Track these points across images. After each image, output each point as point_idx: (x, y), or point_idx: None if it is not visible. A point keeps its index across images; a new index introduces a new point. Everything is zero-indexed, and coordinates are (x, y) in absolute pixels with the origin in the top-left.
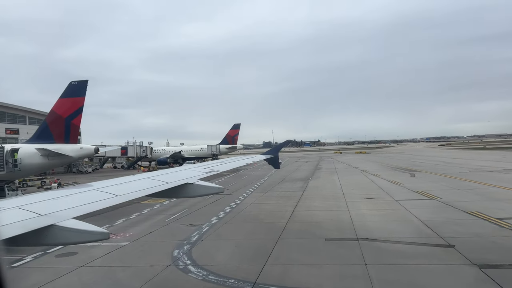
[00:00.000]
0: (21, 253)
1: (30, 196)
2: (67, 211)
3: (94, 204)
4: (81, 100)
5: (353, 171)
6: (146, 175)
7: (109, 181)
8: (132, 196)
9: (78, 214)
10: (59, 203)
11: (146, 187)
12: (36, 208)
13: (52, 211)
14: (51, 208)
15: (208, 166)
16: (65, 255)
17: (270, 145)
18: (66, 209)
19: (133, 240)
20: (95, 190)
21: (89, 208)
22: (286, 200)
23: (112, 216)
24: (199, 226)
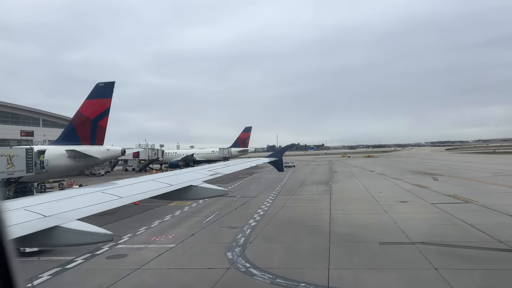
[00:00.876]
0: (68, 254)
1: (35, 197)
2: (71, 212)
3: (98, 205)
4: (108, 101)
5: (371, 175)
6: (150, 177)
7: (114, 183)
8: (136, 198)
9: (82, 215)
10: (64, 205)
11: (151, 189)
12: (41, 209)
13: (56, 213)
14: (56, 209)
15: (212, 169)
16: (115, 257)
17: (274, 148)
18: (70, 211)
19: (179, 242)
20: (99, 191)
21: (94, 210)
22: (317, 203)
23: (146, 218)
24: (240, 229)
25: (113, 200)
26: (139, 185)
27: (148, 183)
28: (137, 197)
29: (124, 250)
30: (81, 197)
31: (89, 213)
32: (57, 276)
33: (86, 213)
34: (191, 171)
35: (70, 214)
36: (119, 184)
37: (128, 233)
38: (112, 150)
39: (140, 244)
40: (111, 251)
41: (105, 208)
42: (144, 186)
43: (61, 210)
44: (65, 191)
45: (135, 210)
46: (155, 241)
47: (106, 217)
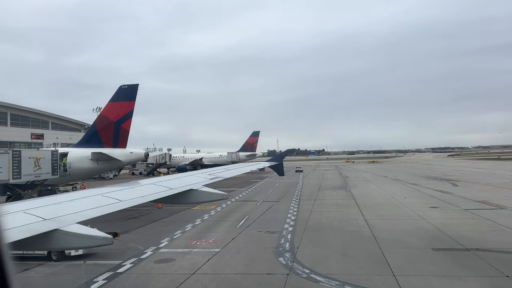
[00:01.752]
0: (113, 258)
1: (35, 200)
2: (71, 215)
3: (99, 209)
4: (131, 104)
5: (386, 180)
6: (151, 180)
7: (114, 186)
8: (136, 201)
9: (83, 219)
10: (63, 208)
11: (151, 193)
12: (41, 213)
13: (56, 216)
14: (56, 212)
15: (212, 173)
16: (164, 262)
17: (275, 153)
18: (70, 214)
19: (223, 247)
20: (100, 195)
21: (94, 213)
22: (346, 208)
23: (175, 222)
24: (278, 233)
25: (114, 203)
26: (139, 189)
27: (148, 187)
28: (137, 201)
29: (169, 254)
30: (81, 200)
31: (89, 216)
32: (113, 280)
33: (86, 216)
34: (191, 175)
35: (70, 217)
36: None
37: (165, 237)
38: (136, 153)
39: (183, 248)
40: (155, 255)
41: (106, 211)
42: (144, 190)
43: (61, 213)
44: (65, 194)
45: (161, 214)
46: (197, 245)
47: (131, 221)
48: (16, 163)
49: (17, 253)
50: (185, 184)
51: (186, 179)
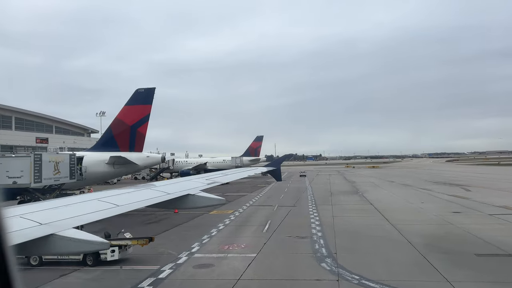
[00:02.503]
0: (150, 263)
1: (31, 205)
2: (67, 220)
3: (95, 213)
4: (148, 108)
5: (394, 185)
6: (148, 185)
7: (111, 191)
8: (133, 206)
9: (79, 223)
10: (60, 213)
11: (148, 198)
12: (37, 217)
13: (52, 220)
14: (52, 217)
15: (209, 178)
16: (203, 267)
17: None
18: (67, 219)
19: (258, 252)
20: (96, 199)
21: (90, 218)
22: (366, 213)
23: (198, 227)
24: (309, 239)
25: (110, 208)
26: (136, 193)
27: (145, 192)
28: (134, 206)
29: (205, 259)
30: (78, 205)
31: (86, 221)
32: (158, 286)
33: (82, 221)
34: (189, 180)
35: (66, 222)
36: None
37: (194, 242)
38: (152, 157)
39: (218, 254)
40: (191, 260)
41: (102, 216)
42: (141, 195)
43: (58, 218)
44: (62, 199)
45: (180, 219)
46: (230, 250)
47: (152, 226)
48: (37, 167)
49: (51, 258)
50: (182, 189)
51: (184, 184)
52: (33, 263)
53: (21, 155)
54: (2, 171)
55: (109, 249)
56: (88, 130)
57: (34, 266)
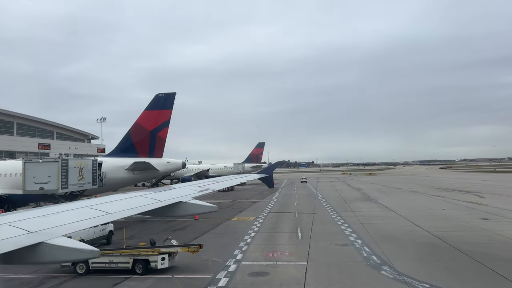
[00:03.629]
0: (201, 272)
1: (20, 212)
2: (57, 228)
3: (85, 221)
4: (168, 113)
5: (404, 192)
6: (139, 193)
7: (102, 198)
8: (124, 214)
9: (69, 231)
10: (50, 220)
11: (139, 205)
12: (26, 225)
13: (42, 228)
14: (41, 225)
15: (201, 185)
16: (259, 275)
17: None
18: (56, 226)
19: (306, 260)
20: (87, 207)
21: (81, 225)
22: (394, 220)
23: (227, 233)
24: (351, 246)
25: (101, 216)
26: (127, 201)
27: (136, 199)
28: (125, 213)
29: (255, 267)
30: (68, 213)
31: (76, 229)
32: None
33: (73, 229)
34: (181, 187)
35: (56, 230)
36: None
37: (233, 249)
38: (173, 162)
39: (266, 261)
40: (242, 268)
41: (93, 223)
42: (132, 202)
43: (47, 226)
44: (52, 206)
45: (205, 226)
46: (275, 257)
47: (179, 233)
48: (64, 172)
49: (99, 266)
50: (174, 197)
51: (175, 192)
52: (79, 271)
53: (48, 160)
54: (29, 176)
55: (159, 257)
56: (89, 136)
57: (80, 275)
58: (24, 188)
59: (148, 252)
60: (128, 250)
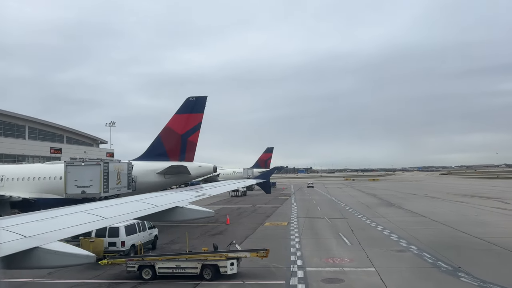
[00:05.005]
0: (269, 278)
1: (16, 217)
2: (53, 233)
3: (81, 226)
4: (199, 116)
5: (421, 198)
6: (135, 197)
7: (98, 203)
8: (120, 218)
9: (65, 236)
10: (45, 225)
11: (135, 210)
12: (21, 230)
13: (37, 233)
14: (37, 229)
15: (198, 190)
16: (332, 281)
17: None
18: (52, 231)
19: (372, 266)
20: (83, 212)
21: (76, 230)
22: (433, 226)
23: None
24: (407, 252)
25: (97, 220)
26: (124, 206)
27: (133, 204)
28: (121, 218)
29: (324, 273)
30: (64, 217)
31: (72, 233)
32: None
33: (68, 233)
34: (178, 192)
35: (51, 235)
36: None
37: (288, 255)
38: (204, 166)
39: (331, 267)
40: (311, 274)
41: (89, 228)
42: (129, 207)
43: (43, 230)
44: (48, 211)
45: (241, 231)
46: (337, 264)
47: (219, 237)
48: (105, 176)
49: (166, 271)
50: (170, 202)
51: (172, 196)
52: (145, 276)
53: (90, 163)
54: (71, 180)
55: (228, 262)
56: (97, 140)
57: (147, 280)
58: (65, 192)
59: (216, 257)
60: (194, 255)
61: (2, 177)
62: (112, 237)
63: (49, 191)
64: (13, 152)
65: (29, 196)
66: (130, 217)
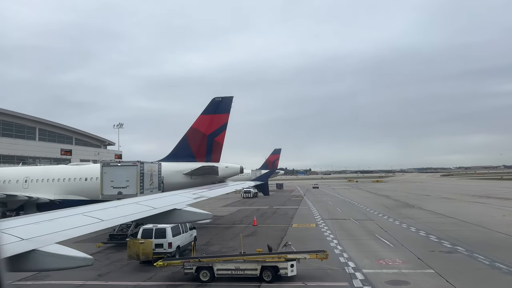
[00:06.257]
0: (330, 280)
1: (13, 219)
2: (50, 235)
3: (79, 228)
4: (225, 117)
5: (438, 199)
6: (133, 200)
7: (96, 205)
8: (118, 221)
9: (63, 238)
10: (43, 227)
11: (133, 212)
12: (19, 232)
13: (35, 235)
14: (35, 232)
15: (196, 192)
16: (396, 283)
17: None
18: (50, 234)
19: (430, 268)
20: (81, 214)
21: (74, 233)
22: (468, 227)
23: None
24: (460, 253)
25: (95, 223)
26: (122, 208)
27: (131, 206)
28: (119, 220)
29: (383, 275)
30: (61, 220)
31: (70, 236)
32: None
33: (66, 236)
34: (176, 194)
35: (49, 237)
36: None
37: (335, 257)
38: (231, 167)
39: (388, 269)
40: (371, 276)
41: (87, 231)
42: (127, 209)
43: (40, 233)
44: (46, 213)
45: (272, 232)
46: (390, 265)
47: (252, 238)
48: (141, 177)
49: (225, 273)
50: (168, 204)
51: (170, 199)
52: (203, 278)
53: (127, 163)
54: (107, 180)
55: (289, 264)
56: (105, 142)
57: (204, 282)
58: (101, 193)
59: (274, 259)
60: (252, 257)
61: (27, 178)
62: (158, 238)
63: (74, 193)
64: (25, 154)
65: (54, 197)
66: (129, 219)
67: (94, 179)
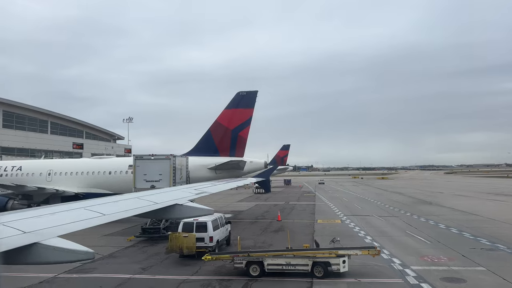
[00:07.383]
0: (380, 276)
1: (15, 213)
2: (52, 229)
3: (81, 222)
4: (250, 111)
5: (453, 196)
6: (134, 194)
7: (97, 199)
8: (119, 215)
9: (64, 232)
10: (45, 221)
11: (135, 207)
12: (21, 225)
13: (37, 229)
14: (36, 225)
15: (198, 188)
16: (452, 281)
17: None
18: (52, 227)
19: (478, 266)
20: (83, 208)
21: (76, 227)
22: (498, 224)
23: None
24: (501, 251)
25: (97, 217)
26: (123, 203)
27: (132, 201)
28: (120, 215)
29: (434, 272)
30: (63, 214)
31: (71, 230)
32: None
33: (68, 230)
34: (177, 190)
35: (51, 231)
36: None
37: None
38: (255, 162)
39: (436, 266)
40: (423, 272)
41: (88, 225)
42: (128, 204)
43: (42, 226)
44: (48, 207)
45: (298, 227)
46: (436, 262)
47: (281, 233)
48: (173, 170)
49: (276, 268)
50: (170, 199)
51: (172, 194)
52: (253, 273)
53: (160, 157)
54: (140, 174)
55: (341, 259)
56: (115, 136)
57: (255, 277)
58: (134, 186)
59: (325, 254)
60: (302, 252)
61: (50, 171)
62: (200, 232)
63: (97, 186)
64: (38, 147)
65: (77, 191)
66: (130, 213)
67: (118, 172)
